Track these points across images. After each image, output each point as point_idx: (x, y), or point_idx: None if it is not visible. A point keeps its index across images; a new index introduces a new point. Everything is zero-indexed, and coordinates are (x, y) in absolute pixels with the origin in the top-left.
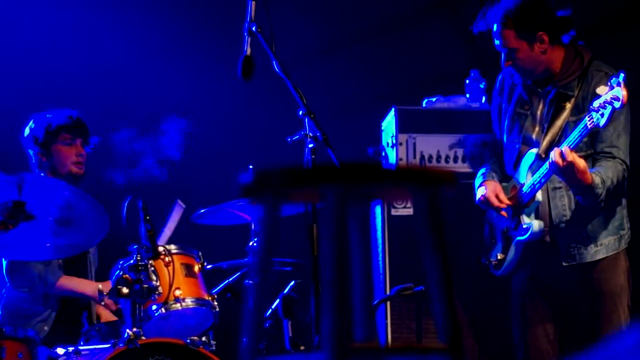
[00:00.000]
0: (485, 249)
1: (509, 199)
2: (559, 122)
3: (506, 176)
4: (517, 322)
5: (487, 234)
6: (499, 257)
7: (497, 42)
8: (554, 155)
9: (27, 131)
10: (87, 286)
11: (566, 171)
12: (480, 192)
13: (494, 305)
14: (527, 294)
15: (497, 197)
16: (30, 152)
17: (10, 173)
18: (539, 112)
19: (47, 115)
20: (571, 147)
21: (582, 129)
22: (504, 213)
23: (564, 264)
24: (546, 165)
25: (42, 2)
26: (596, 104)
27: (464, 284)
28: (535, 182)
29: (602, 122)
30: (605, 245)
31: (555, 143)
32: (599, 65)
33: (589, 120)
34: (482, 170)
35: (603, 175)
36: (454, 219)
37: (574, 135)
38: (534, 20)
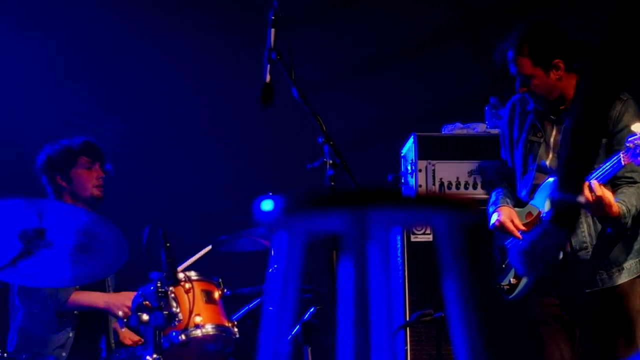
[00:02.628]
0: (496, 273)
1: (524, 224)
2: None
3: (518, 202)
4: (534, 348)
5: (497, 258)
6: (512, 282)
7: (511, 69)
8: (583, 189)
9: (43, 158)
10: (99, 298)
11: (594, 205)
12: (494, 217)
13: (509, 330)
14: (544, 320)
15: (512, 222)
16: (47, 179)
17: (31, 200)
18: (552, 139)
19: (63, 142)
20: (600, 181)
21: (614, 164)
22: (519, 236)
23: (586, 290)
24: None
25: (52, 33)
26: (630, 144)
27: (481, 309)
28: None
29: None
30: (627, 269)
31: None
32: None
33: (623, 157)
34: (495, 195)
35: (628, 203)
36: (470, 243)
37: (605, 170)
38: (550, 47)
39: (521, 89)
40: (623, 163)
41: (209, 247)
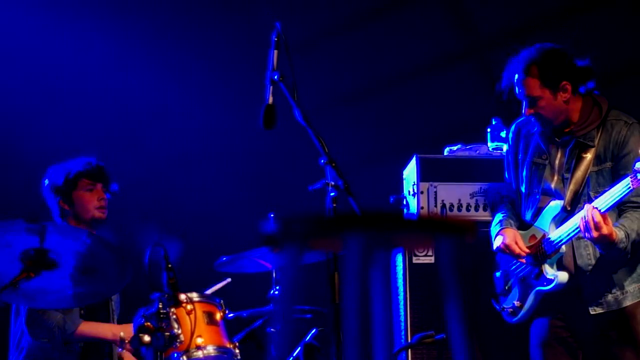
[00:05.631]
0: (499, 295)
1: (528, 247)
2: (581, 173)
3: (523, 224)
4: None
5: (500, 281)
6: (516, 305)
7: (519, 90)
8: (589, 214)
9: (46, 182)
10: (107, 330)
11: (595, 238)
12: (499, 240)
13: (512, 352)
14: (547, 343)
15: (516, 244)
16: (51, 202)
17: (33, 221)
18: (557, 162)
19: (65, 165)
20: (609, 208)
21: (624, 189)
22: (522, 260)
23: (590, 312)
24: (577, 221)
25: (65, 53)
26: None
27: (483, 332)
28: (563, 236)
29: None
30: (630, 293)
31: (579, 194)
32: (618, 114)
33: (632, 181)
34: (499, 217)
35: (627, 228)
36: (472, 266)
37: (614, 196)
38: (558, 69)
39: (528, 111)
40: (632, 187)
41: (228, 280)
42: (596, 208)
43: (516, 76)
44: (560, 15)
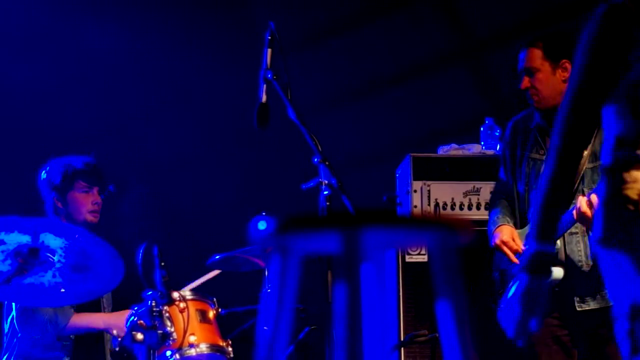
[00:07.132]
0: (495, 294)
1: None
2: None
3: (519, 221)
4: None
5: (496, 280)
6: None
7: (520, 65)
8: (582, 204)
9: (43, 175)
10: (99, 320)
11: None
12: (496, 237)
13: (505, 351)
14: (542, 341)
15: (514, 241)
16: (46, 196)
17: (26, 218)
18: None
19: (64, 161)
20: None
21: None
22: (516, 261)
23: (577, 308)
24: (571, 213)
25: (61, 50)
26: None
27: (479, 331)
28: (558, 229)
29: None
30: None
31: (574, 190)
32: None
33: None
34: (496, 215)
35: None
36: (468, 264)
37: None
38: (562, 46)
39: (524, 84)
40: None
41: (217, 271)
42: (588, 198)
43: (522, 48)
44: (555, 17)
